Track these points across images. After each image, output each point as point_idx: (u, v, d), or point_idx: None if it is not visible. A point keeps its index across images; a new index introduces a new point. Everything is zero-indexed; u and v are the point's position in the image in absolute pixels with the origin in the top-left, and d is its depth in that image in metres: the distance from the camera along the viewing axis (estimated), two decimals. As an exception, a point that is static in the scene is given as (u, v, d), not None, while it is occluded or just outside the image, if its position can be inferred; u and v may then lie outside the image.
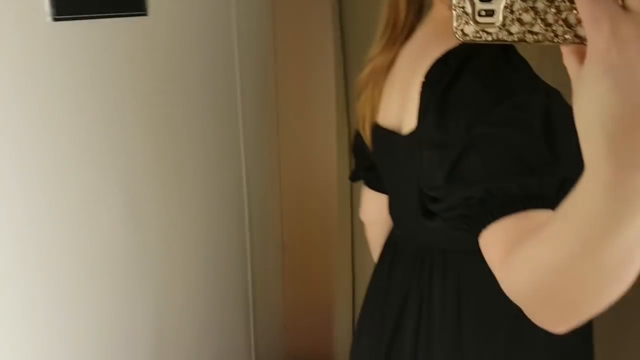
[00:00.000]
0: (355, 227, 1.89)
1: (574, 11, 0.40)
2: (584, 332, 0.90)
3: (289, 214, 2.04)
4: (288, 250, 2.08)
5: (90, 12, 1.19)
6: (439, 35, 0.80)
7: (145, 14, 1.27)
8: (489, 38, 0.42)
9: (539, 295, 0.52)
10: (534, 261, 0.51)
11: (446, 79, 0.71)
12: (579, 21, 0.40)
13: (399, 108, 0.86)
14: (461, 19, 0.42)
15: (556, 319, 0.53)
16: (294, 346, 2.16)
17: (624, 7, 0.37)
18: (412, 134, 0.79)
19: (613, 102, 0.37)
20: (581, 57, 0.40)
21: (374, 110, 0.94)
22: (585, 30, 0.38)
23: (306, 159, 1.98)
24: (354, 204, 1.87)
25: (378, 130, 0.94)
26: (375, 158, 1.00)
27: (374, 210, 1.10)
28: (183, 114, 1.44)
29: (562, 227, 0.47)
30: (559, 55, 0.44)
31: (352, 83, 1.75)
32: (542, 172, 0.61)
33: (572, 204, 0.46)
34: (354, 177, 1.14)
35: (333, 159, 1.87)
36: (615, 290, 0.47)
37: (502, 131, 0.64)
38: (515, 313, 0.82)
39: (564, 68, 0.44)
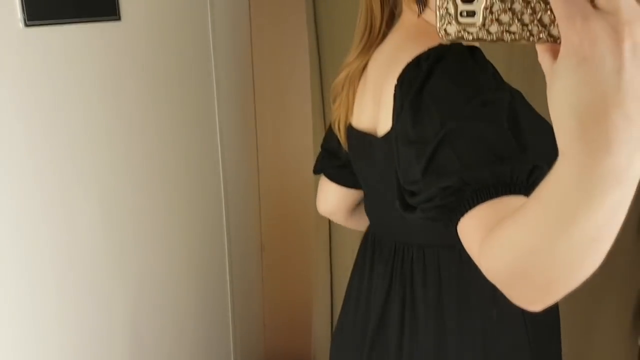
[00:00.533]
0: (332, 227, 1.90)
1: (548, 12, 0.43)
2: (554, 314, 0.96)
3: (267, 215, 2.05)
4: (266, 251, 2.09)
5: (62, 17, 1.19)
6: (409, 40, 0.83)
7: (118, 19, 1.27)
8: (470, 37, 0.45)
9: (516, 275, 0.54)
10: (510, 243, 0.54)
11: (419, 80, 0.74)
12: (552, 21, 0.43)
13: (373, 111, 0.89)
14: (444, 19, 0.45)
15: (533, 297, 0.55)
16: (273, 345, 2.18)
17: (594, 5, 0.40)
18: (388, 134, 0.83)
19: (585, 91, 0.41)
20: (554, 54, 0.44)
21: (349, 112, 0.99)
22: (560, 26, 0.41)
23: (284, 161, 1.99)
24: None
25: (352, 132, 0.98)
26: (350, 158, 1.03)
27: (335, 202, 1.16)
28: (160, 117, 1.44)
29: (537, 209, 0.50)
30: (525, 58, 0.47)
31: (328, 86, 1.76)
32: (512, 161, 0.65)
33: (546, 187, 0.49)
34: (316, 171, 1.19)
35: (310, 161, 1.88)
36: (588, 268, 0.50)
37: (474, 125, 0.68)
38: (493, 300, 0.85)
39: (529, 70, 0.46)
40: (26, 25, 1.13)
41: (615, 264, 1.67)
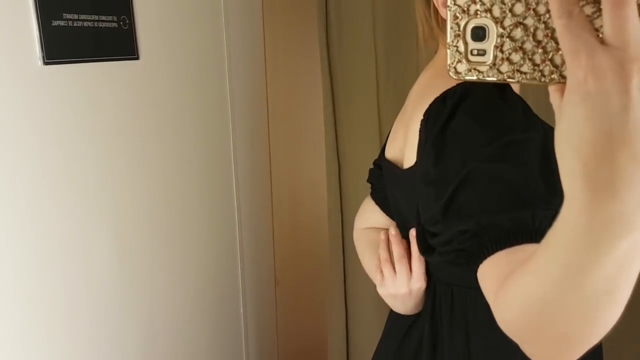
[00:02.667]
0: (347, 261, 1.89)
1: (560, 52, 0.42)
2: None
3: (281, 250, 2.04)
4: (280, 286, 2.08)
5: (80, 56, 1.21)
6: (440, 76, 0.84)
7: (136, 58, 1.29)
8: (480, 76, 0.44)
9: (529, 328, 0.52)
10: (522, 293, 0.52)
11: (443, 118, 0.73)
12: (564, 62, 0.41)
13: (402, 143, 0.90)
14: (455, 57, 0.44)
15: (550, 354, 0.52)
16: (287, 382, 2.14)
17: (601, 40, 0.39)
18: (412, 169, 0.82)
19: (588, 129, 0.39)
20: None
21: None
22: (566, 62, 0.40)
23: (298, 195, 1.99)
24: (345, 239, 1.87)
25: (384, 162, 1.00)
26: (387, 189, 1.04)
27: (372, 221, 1.13)
28: (175, 156, 1.45)
29: (545, 257, 0.47)
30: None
31: (341, 122, 1.77)
32: (535, 206, 0.62)
33: (552, 233, 0.46)
34: (369, 180, 1.17)
35: (324, 194, 1.88)
36: (604, 323, 0.48)
37: (496, 166, 0.66)
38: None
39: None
40: (45, 63, 1.15)
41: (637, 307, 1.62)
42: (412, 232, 0.92)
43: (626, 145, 0.38)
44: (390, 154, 0.97)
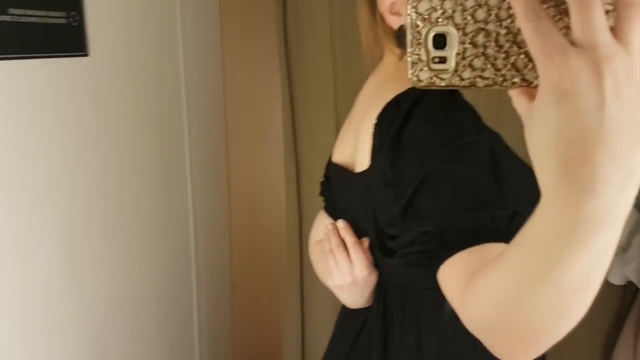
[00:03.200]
0: (304, 266, 1.88)
1: (522, 56, 0.42)
2: None
3: (238, 252, 2.02)
4: (237, 289, 2.05)
5: (27, 52, 1.16)
6: (389, 79, 0.84)
7: (85, 55, 1.25)
8: (443, 83, 0.43)
9: (498, 327, 0.52)
10: (491, 292, 0.52)
11: (398, 122, 0.73)
12: (526, 65, 0.42)
13: (353, 148, 0.89)
14: (417, 66, 0.43)
15: (517, 350, 0.53)
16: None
17: (571, 41, 0.39)
18: (365, 172, 0.82)
19: (566, 129, 0.39)
20: (529, 97, 0.43)
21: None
22: (537, 64, 0.40)
23: (255, 197, 1.97)
24: (303, 243, 1.86)
25: (332, 166, 0.99)
26: (336, 195, 1.03)
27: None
28: (127, 156, 1.41)
29: (519, 256, 0.48)
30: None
31: (299, 125, 1.76)
32: (493, 206, 0.63)
33: (528, 232, 0.47)
34: (321, 194, 1.17)
35: (282, 196, 1.86)
36: (574, 317, 0.48)
37: (453, 168, 0.67)
38: (474, 348, 0.85)
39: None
40: (-11, 59, 1.10)
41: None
42: (339, 223, 0.92)
43: (603, 142, 0.39)
44: (339, 158, 0.96)
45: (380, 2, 0.82)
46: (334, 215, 1.12)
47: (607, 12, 0.39)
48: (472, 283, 0.56)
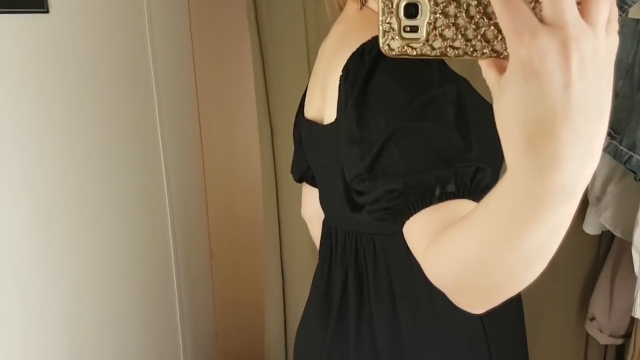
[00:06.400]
0: (282, 230, 1.87)
1: (492, 27, 0.43)
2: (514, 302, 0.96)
3: (215, 220, 2.00)
4: (216, 257, 2.04)
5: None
6: (353, 30, 0.83)
7: (46, 11, 1.20)
8: (414, 52, 0.45)
9: (461, 283, 0.56)
10: (456, 253, 0.54)
11: (362, 75, 0.73)
12: (495, 37, 0.43)
13: (320, 100, 0.90)
14: (388, 35, 0.44)
15: (477, 301, 0.57)
16: (226, 353, 2.12)
17: (541, 20, 0.40)
18: (333, 125, 0.82)
19: (533, 107, 0.40)
20: (498, 68, 0.44)
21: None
22: (507, 41, 0.41)
23: (230, 163, 1.94)
24: (280, 208, 1.85)
25: (303, 122, 0.98)
26: (305, 151, 1.03)
27: (314, 206, 1.13)
28: (94, 119, 1.37)
29: (485, 221, 0.50)
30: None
31: (272, 86, 1.74)
32: (456, 163, 0.65)
33: (494, 200, 0.48)
34: (295, 177, 1.19)
35: (257, 163, 1.85)
36: (533, 274, 0.52)
37: (418, 125, 0.67)
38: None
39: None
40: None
41: (559, 254, 1.70)
42: None
43: (567, 120, 0.40)
44: (308, 113, 0.96)
45: None
46: (304, 178, 1.15)
47: None
48: (436, 243, 0.59)
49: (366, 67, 0.73)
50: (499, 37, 0.43)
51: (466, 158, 0.66)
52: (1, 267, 1.11)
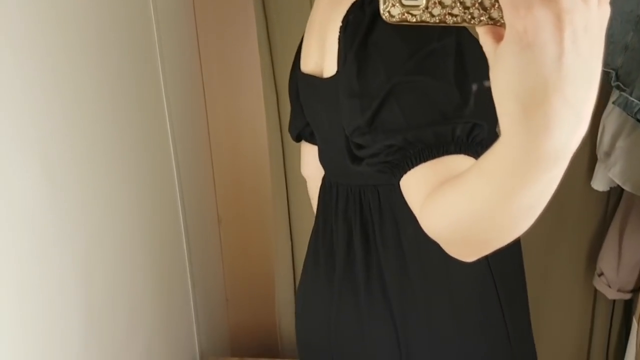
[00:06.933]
0: (290, 195, 1.87)
1: None
2: (517, 249, 1.01)
3: (222, 187, 2.00)
4: (224, 224, 2.05)
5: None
6: None
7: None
8: (413, 19, 0.46)
9: (455, 237, 0.61)
10: (451, 210, 0.58)
11: (363, 27, 0.73)
12: (492, 5, 0.44)
13: (318, 53, 0.89)
14: (389, 2, 0.45)
15: (469, 253, 0.62)
16: (237, 319, 2.15)
17: None
18: (334, 78, 0.82)
19: (527, 77, 0.42)
20: (495, 36, 0.45)
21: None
22: (504, 13, 0.43)
23: (236, 128, 1.94)
24: (287, 173, 1.85)
25: (301, 76, 0.98)
26: (304, 106, 1.03)
27: (313, 164, 1.13)
28: (101, 75, 1.36)
29: (479, 181, 0.54)
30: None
31: (276, 47, 1.72)
32: (454, 119, 0.67)
33: (488, 161, 0.51)
34: (292, 135, 1.19)
35: (263, 127, 1.84)
36: (523, 229, 0.55)
37: (419, 79, 0.69)
38: None
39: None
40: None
41: (567, 211, 1.71)
42: None
43: (559, 90, 0.42)
44: (306, 67, 0.95)
45: None
46: (302, 136, 1.16)
47: None
48: (431, 199, 0.62)
49: (367, 19, 0.73)
50: (496, 5, 0.44)
51: (464, 114, 0.68)
52: (13, 221, 1.12)
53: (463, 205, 0.56)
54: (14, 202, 1.08)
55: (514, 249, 1.00)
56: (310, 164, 1.18)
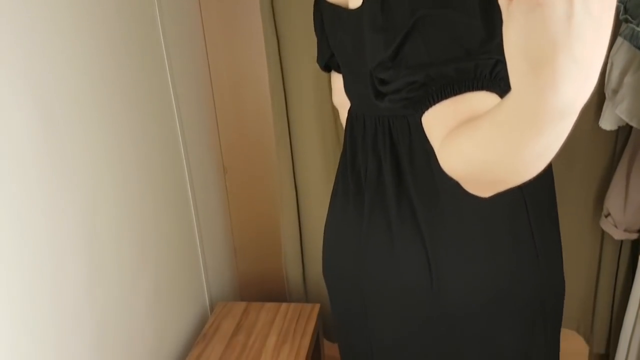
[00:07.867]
0: (294, 143, 1.86)
1: None
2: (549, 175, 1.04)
3: (226, 137, 2.00)
4: (229, 173, 2.05)
5: None
6: None
7: None
8: None
9: (470, 177, 0.63)
10: (466, 154, 0.61)
11: None
12: None
13: None
14: None
15: (484, 190, 0.65)
16: (245, 269, 2.18)
17: None
18: (358, 9, 0.81)
19: (535, 36, 0.43)
20: None
21: None
22: None
23: (239, 77, 1.92)
24: (290, 119, 1.83)
25: (325, 6, 0.97)
26: (329, 37, 1.03)
27: (342, 94, 1.12)
28: (97, 20, 1.35)
29: (492, 131, 0.56)
30: None
31: (278, 6, 1.68)
32: (477, 54, 0.66)
33: (500, 113, 0.53)
34: (321, 65, 1.18)
35: (266, 76, 1.82)
36: (534, 173, 0.58)
37: (443, 13, 0.67)
38: None
39: None
40: None
41: (575, 153, 1.68)
42: None
43: (568, 48, 0.43)
44: None
45: None
46: (330, 66, 1.14)
47: None
48: (448, 141, 0.64)
49: None
50: None
51: (488, 49, 0.67)
52: (14, 163, 1.12)
53: (477, 155, 0.58)
54: (12, 141, 1.09)
55: (546, 170, 0.99)
56: (340, 93, 1.17)
